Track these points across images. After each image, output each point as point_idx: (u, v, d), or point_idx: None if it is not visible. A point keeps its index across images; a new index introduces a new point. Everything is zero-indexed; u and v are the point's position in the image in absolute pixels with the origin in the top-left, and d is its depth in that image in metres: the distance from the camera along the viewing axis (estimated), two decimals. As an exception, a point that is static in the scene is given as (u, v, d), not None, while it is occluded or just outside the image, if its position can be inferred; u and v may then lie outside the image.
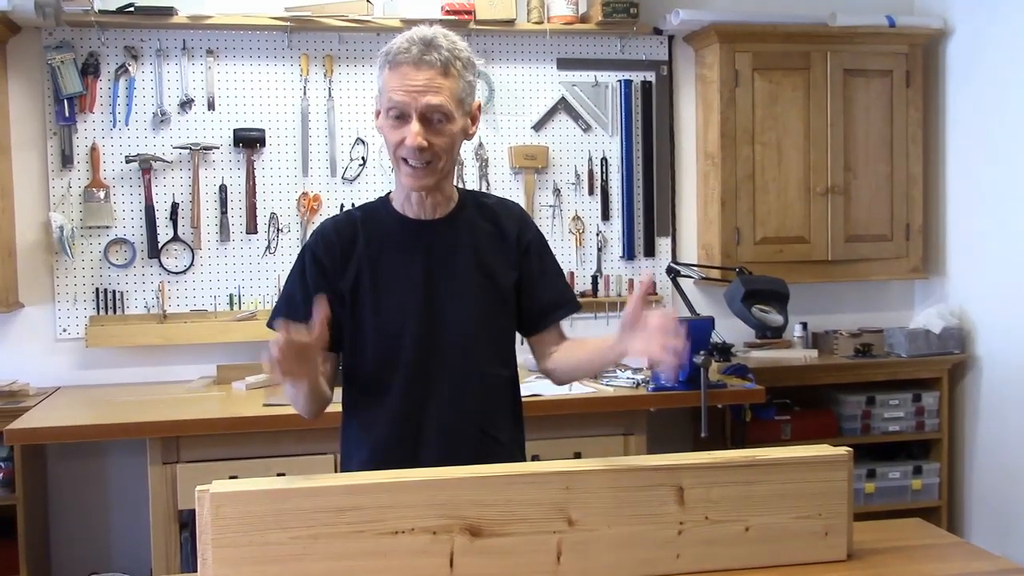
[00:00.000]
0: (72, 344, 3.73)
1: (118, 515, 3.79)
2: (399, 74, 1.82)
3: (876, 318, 4.38)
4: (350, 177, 3.90)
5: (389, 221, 1.98)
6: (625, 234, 4.14)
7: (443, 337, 1.95)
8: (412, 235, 1.97)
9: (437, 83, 1.82)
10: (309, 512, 1.58)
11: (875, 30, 4.09)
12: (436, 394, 1.95)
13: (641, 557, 1.71)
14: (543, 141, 4.07)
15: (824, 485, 1.78)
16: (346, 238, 1.96)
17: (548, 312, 2.06)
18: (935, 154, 4.32)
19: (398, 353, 1.94)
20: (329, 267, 1.95)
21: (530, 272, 2.04)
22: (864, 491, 3.98)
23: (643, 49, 4.15)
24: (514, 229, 2.03)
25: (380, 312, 1.94)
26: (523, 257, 2.03)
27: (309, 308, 1.93)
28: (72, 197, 3.69)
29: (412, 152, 1.83)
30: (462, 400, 1.96)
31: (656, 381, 3.39)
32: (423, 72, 1.81)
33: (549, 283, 2.07)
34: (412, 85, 1.81)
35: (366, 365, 1.97)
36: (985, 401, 4.11)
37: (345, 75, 3.89)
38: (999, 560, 1.82)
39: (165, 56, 3.75)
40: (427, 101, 1.81)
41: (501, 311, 2.02)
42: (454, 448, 1.89)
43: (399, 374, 1.94)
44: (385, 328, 1.94)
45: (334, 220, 2.02)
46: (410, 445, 1.94)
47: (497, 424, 2.02)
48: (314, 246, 1.98)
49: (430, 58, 1.81)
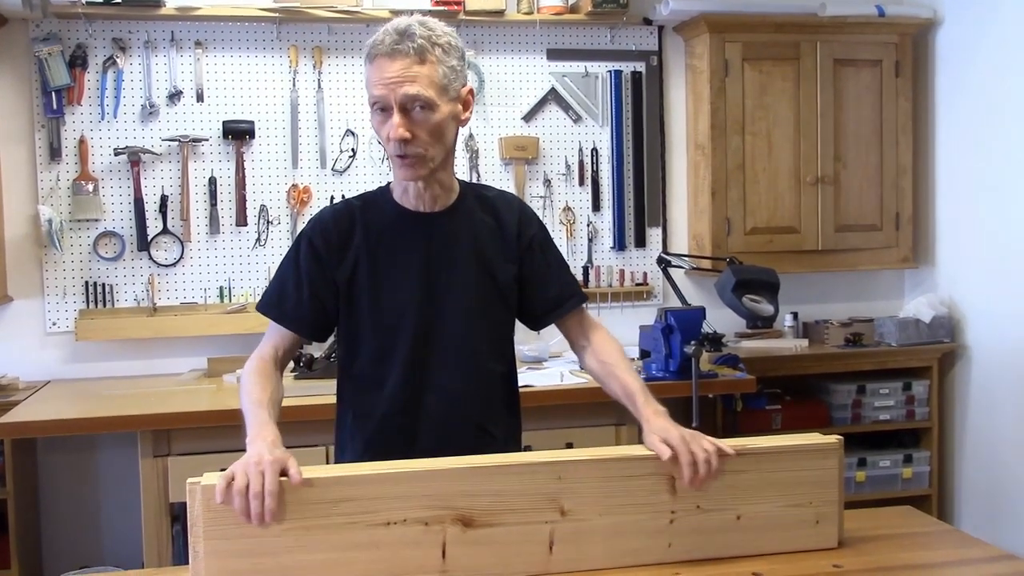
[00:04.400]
0: (62, 337, 3.71)
1: (109, 508, 3.79)
2: (376, 67, 1.80)
3: (866, 307, 4.40)
4: (340, 169, 3.89)
5: (389, 212, 1.96)
6: (616, 225, 4.14)
7: (441, 331, 1.93)
8: (411, 227, 1.94)
9: (413, 72, 1.78)
10: (301, 504, 1.58)
11: (865, 20, 4.09)
12: (432, 388, 1.94)
13: (633, 546, 1.71)
14: (533, 132, 4.06)
15: (815, 474, 1.79)
16: (344, 227, 1.94)
17: (555, 306, 2.05)
18: (925, 144, 4.32)
19: (394, 346, 1.92)
20: (325, 256, 1.92)
21: (534, 266, 2.03)
22: (855, 480, 3.99)
23: (633, 39, 4.14)
24: (514, 223, 2.02)
25: (377, 304, 1.92)
26: (526, 252, 2.02)
27: (300, 296, 1.92)
28: (61, 190, 3.68)
29: (397, 145, 1.80)
30: (458, 394, 1.95)
31: (647, 371, 3.39)
32: (397, 62, 1.78)
33: (554, 277, 2.05)
34: (388, 77, 1.78)
35: (362, 357, 1.95)
36: (975, 389, 4.13)
37: (334, 66, 3.87)
38: (989, 547, 1.83)
39: (153, 48, 3.73)
40: (404, 92, 1.78)
41: (499, 305, 2.00)
42: (449, 442, 1.87)
43: (395, 367, 1.93)
44: (382, 320, 1.92)
45: (333, 208, 1.99)
46: (405, 438, 1.93)
47: (493, 419, 2.01)
48: (311, 233, 1.94)
49: (403, 47, 1.78)
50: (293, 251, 1.97)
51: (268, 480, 1.55)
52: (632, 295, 4.16)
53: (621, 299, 4.15)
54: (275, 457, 1.59)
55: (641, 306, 4.17)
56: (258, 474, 1.55)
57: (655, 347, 3.39)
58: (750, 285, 3.37)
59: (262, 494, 1.54)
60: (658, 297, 4.19)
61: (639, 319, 3.90)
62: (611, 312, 4.13)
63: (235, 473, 1.56)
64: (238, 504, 1.54)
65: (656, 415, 1.82)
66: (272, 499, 1.54)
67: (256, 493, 1.53)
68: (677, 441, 1.71)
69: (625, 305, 4.16)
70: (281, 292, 1.95)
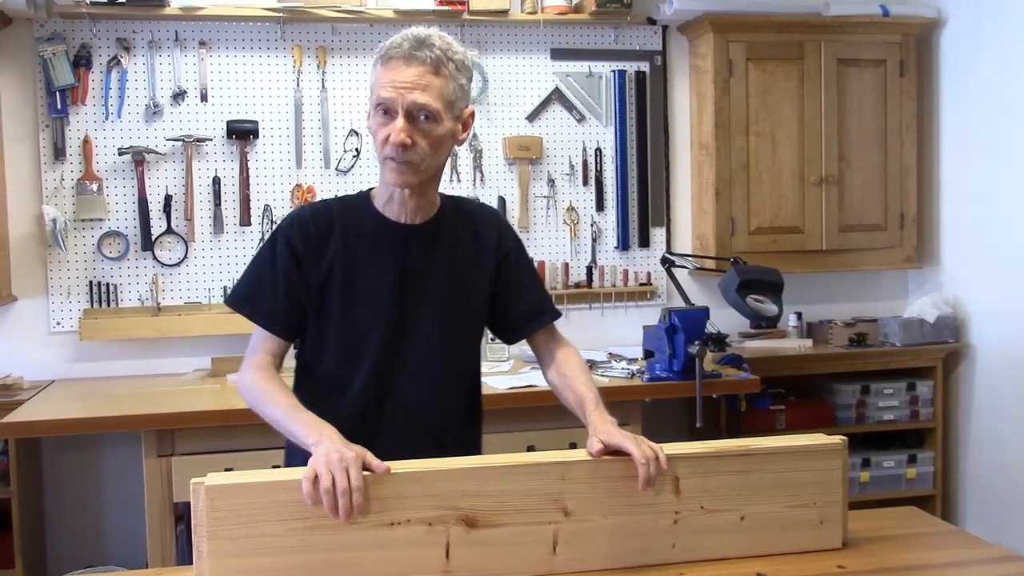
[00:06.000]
0: (66, 337, 3.72)
1: (113, 508, 3.79)
2: (389, 69, 1.79)
3: (870, 307, 4.39)
4: (344, 169, 3.89)
5: (368, 219, 1.93)
6: (619, 225, 4.14)
7: (409, 343, 1.91)
8: (390, 237, 1.92)
9: (426, 80, 1.77)
10: (304, 504, 1.57)
11: (869, 19, 4.08)
12: (395, 400, 1.92)
13: (636, 547, 1.71)
14: (537, 132, 4.06)
15: (819, 474, 1.79)
16: (323, 228, 1.91)
17: (527, 322, 2.05)
18: (929, 143, 4.32)
19: (360, 354, 1.90)
20: (303, 255, 1.89)
21: (508, 281, 2.02)
22: (859, 480, 3.99)
23: (637, 39, 4.14)
24: (493, 236, 2.01)
25: (349, 310, 1.90)
26: (501, 265, 2.01)
27: (276, 293, 1.89)
28: (65, 190, 3.68)
29: (395, 149, 1.79)
30: (421, 405, 1.93)
31: (651, 371, 3.39)
32: (413, 68, 1.77)
33: (528, 292, 2.05)
34: (401, 81, 1.77)
35: (326, 361, 1.93)
36: (979, 390, 4.12)
37: (338, 66, 3.87)
38: (993, 548, 1.83)
39: (157, 48, 3.74)
40: (414, 99, 1.77)
41: (470, 321, 2.00)
42: (409, 454, 1.76)
43: (359, 376, 1.90)
44: (351, 327, 1.90)
45: (311, 207, 1.96)
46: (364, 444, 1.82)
47: (454, 435, 1.99)
48: (288, 231, 1.91)
49: (421, 55, 1.77)
50: (268, 248, 1.93)
51: (353, 476, 1.56)
52: (636, 295, 4.16)
53: (625, 299, 4.15)
54: (356, 452, 1.61)
55: (645, 306, 4.16)
56: (343, 470, 1.56)
57: (659, 347, 3.39)
58: (754, 285, 3.37)
59: (350, 490, 1.55)
60: (662, 297, 4.19)
61: (643, 319, 3.90)
62: (615, 312, 4.13)
63: (318, 472, 1.56)
64: (327, 502, 1.55)
65: (603, 421, 1.79)
66: (359, 494, 1.55)
67: (344, 490, 1.54)
68: (627, 441, 1.69)
69: (629, 305, 4.16)
70: (256, 289, 1.92)
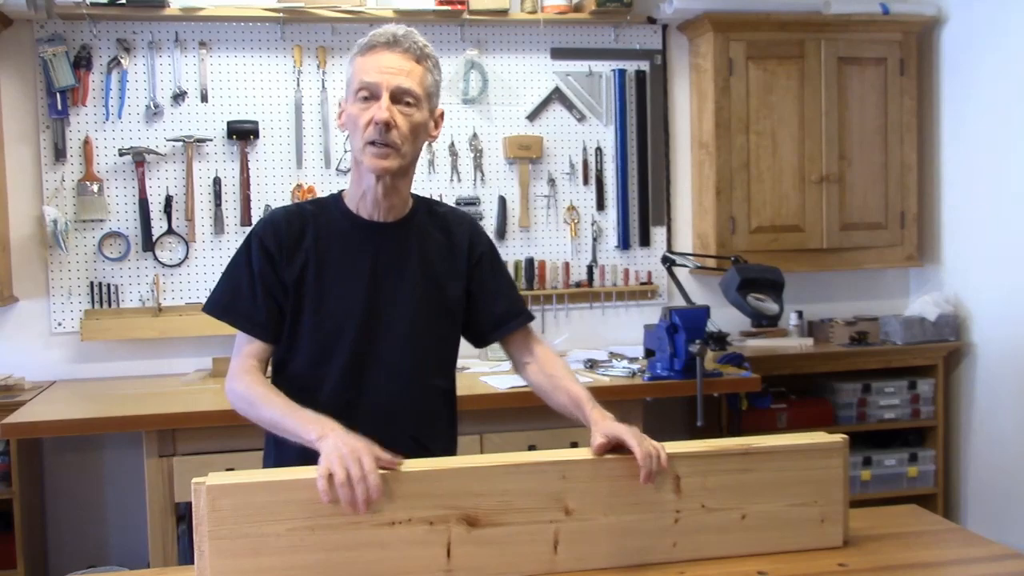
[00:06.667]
0: (67, 338, 3.72)
1: (115, 508, 3.79)
2: (372, 56, 1.85)
3: (871, 306, 4.39)
4: (344, 168, 3.89)
5: (340, 219, 1.94)
6: (620, 224, 4.14)
7: (381, 342, 1.91)
8: (362, 235, 1.93)
9: (409, 66, 1.84)
10: (306, 503, 1.57)
11: (869, 18, 4.08)
12: (368, 398, 1.91)
13: (638, 545, 1.71)
14: (537, 131, 4.06)
15: (820, 473, 1.79)
16: (295, 229, 1.91)
17: (501, 324, 2.04)
18: (929, 142, 4.32)
19: (333, 353, 1.90)
20: (277, 256, 1.90)
21: (482, 283, 2.02)
22: (860, 479, 3.99)
23: (637, 38, 4.14)
24: (465, 239, 2.02)
25: (320, 309, 1.90)
26: (474, 268, 2.02)
27: (254, 296, 1.89)
28: (65, 190, 3.68)
29: (377, 130, 1.81)
30: (395, 407, 1.93)
31: (652, 370, 3.39)
32: (397, 55, 1.84)
33: (502, 295, 2.05)
34: (386, 66, 1.83)
35: (299, 360, 1.93)
36: (980, 388, 4.12)
37: (338, 67, 3.87)
38: (995, 546, 1.83)
39: (158, 48, 3.74)
40: (399, 83, 1.83)
41: (444, 321, 2.00)
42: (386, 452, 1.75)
43: (332, 374, 1.90)
44: (323, 326, 1.90)
45: (285, 210, 1.97)
46: None
47: (430, 434, 1.98)
48: (262, 233, 1.91)
49: (404, 43, 1.85)
50: (243, 252, 1.93)
51: (366, 464, 1.58)
52: (636, 294, 4.16)
53: (626, 298, 4.15)
54: (365, 443, 1.62)
55: (646, 305, 4.16)
56: (355, 461, 1.57)
57: (660, 346, 3.38)
58: (755, 284, 3.37)
59: (364, 478, 1.56)
60: (663, 296, 4.19)
61: (644, 318, 3.90)
62: (615, 311, 4.13)
63: (332, 468, 1.57)
64: (345, 496, 1.56)
65: (603, 418, 1.80)
66: (374, 476, 1.57)
67: (360, 478, 1.56)
68: (629, 437, 1.70)
69: (630, 304, 4.16)
70: (233, 293, 1.92)
